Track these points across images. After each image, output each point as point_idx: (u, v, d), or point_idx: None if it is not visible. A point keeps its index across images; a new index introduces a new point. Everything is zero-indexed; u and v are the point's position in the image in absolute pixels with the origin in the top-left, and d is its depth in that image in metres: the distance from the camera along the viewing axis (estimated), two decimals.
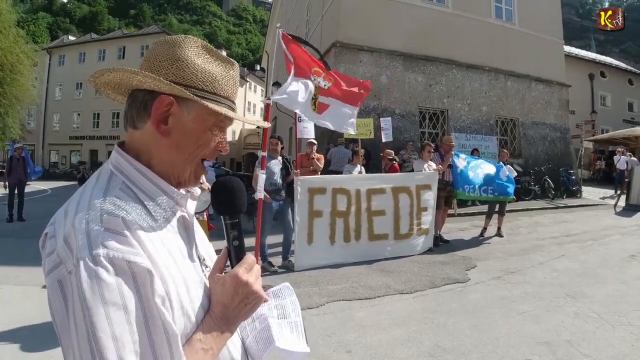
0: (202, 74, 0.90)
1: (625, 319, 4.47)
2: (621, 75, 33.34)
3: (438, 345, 3.88)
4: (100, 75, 0.91)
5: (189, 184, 0.96)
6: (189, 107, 0.89)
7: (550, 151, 16.73)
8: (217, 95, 0.92)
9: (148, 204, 0.87)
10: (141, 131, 0.91)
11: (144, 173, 0.89)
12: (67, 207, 0.84)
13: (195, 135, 0.92)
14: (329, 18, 14.33)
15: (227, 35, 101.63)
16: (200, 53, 0.93)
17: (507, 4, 16.08)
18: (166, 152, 0.91)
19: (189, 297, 0.86)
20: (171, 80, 0.87)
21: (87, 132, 40.81)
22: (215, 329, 0.87)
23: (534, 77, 16.53)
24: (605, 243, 8.36)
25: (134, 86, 0.91)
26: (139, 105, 0.90)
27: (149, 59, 0.91)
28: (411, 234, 7.33)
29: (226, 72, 0.95)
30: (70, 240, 0.76)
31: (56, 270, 0.75)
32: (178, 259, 0.88)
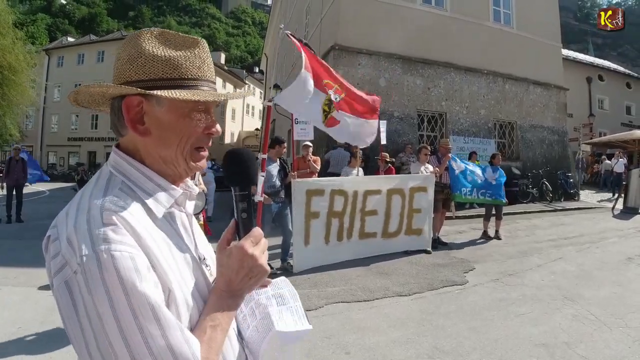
0: (162, 63, 0.89)
1: (623, 321, 4.49)
2: (619, 79, 33.43)
3: (436, 347, 3.90)
4: (74, 97, 0.94)
5: (191, 172, 0.96)
6: (159, 100, 0.88)
7: (548, 154, 16.77)
8: (185, 79, 0.91)
9: (148, 202, 0.88)
10: (127, 137, 0.92)
11: (143, 171, 0.90)
12: (68, 209, 0.85)
13: (175, 126, 0.91)
14: (328, 21, 14.35)
15: (226, 37, 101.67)
16: (156, 43, 0.91)
17: (505, 8, 16.12)
18: (154, 150, 0.91)
19: (190, 293, 0.87)
20: (135, 79, 0.88)
21: (86, 133, 40.77)
22: (220, 303, 0.89)
23: (532, 81, 16.57)
24: (602, 246, 8.39)
25: (102, 94, 0.92)
26: (116, 112, 0.91)
27: (115, 64, 0.93)
28: (399, 232, 7.42)
29: (190, 53, 0.93)
30: (72, 240, 0.77)
31: (62, 271, 0.76)
32: (178, 255, 0.89)
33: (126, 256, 0.75)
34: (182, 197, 0.96)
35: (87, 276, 0.73)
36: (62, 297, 0.76)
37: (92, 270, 0.73)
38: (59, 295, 0.77)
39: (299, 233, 6.40)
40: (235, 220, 0.95)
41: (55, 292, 0.78)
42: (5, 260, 6.97)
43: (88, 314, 0.73)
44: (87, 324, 0.73)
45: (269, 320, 1.04)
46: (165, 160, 0.92)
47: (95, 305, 0.72)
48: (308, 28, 18.25)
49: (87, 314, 0.73)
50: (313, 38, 16.19)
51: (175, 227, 0.93)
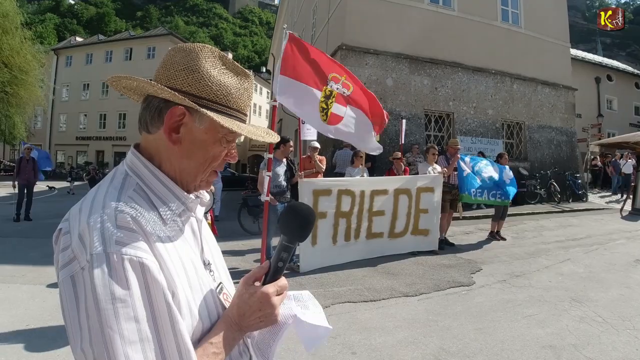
0: (217, 86, 0.91)
1: (630, 323, 4.46)
2: (628, 79, 33.20)
3: (443, 348, 3.89)
4: (119, 79, 0.95)
5: (199, 189, 0.99)
6: (202, 118, 0.91)
7: (557, 155, 16.69)
8: (230, 109, 0.94)
9: (160, 207, 0.90)
10: (154, 136, 0.93)
11: (158, 176, 0.92)
12: (82, 204, 0.86)
13: (206, 146, 0.94)
14: (335, 21, 14.36)
15: (233, 37, 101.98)
16: (216, 64, 0.94)
17: (513, 7, 16.06)
18: (176, 160, 0.93)
19: (195, 300, 0.89)
20: (186, 91, 0.89)
21: (94, 132, 41.00)
22: (228, 334, 0.90)
23: (540, 81, 16.50)
24: (610, 247, 8.34)
25: (149, 92, 0.93)
26: (153, 111, 0.92)
27: (166, 66, 0.92)
28: (405, 233, 7.41)
29: (240, 85, 0.96)
30: (84, 237, 0.78)
31: (69, 265, 0.78)
32: (186, 262, 0.90)
33: (136, 261, 0.77)
34: (193, 203, 0.97)
35: (95, 275, 0.74)
36: (65, 291, 0.77)
37: (101, 270, 0.74)
38: (63, 288, 0.78)
39: None
40: (269, 263, 0.97)
41: (60, 285, 0.79)
42: (14, 258, 7.03)
43: (88, 311, 0.74)
44: (85, 321, 0.74)
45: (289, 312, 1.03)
46: (183, 171, 0.94)
47: (98, 304, 0.73)
48: (315, 28, 18.26)
49: (87, 311, 0.74)
50: (320, 38, 16.20)
51: (183, 232, 0.94)
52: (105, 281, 0.74)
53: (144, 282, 0.77)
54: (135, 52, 40.11)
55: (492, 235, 8.99)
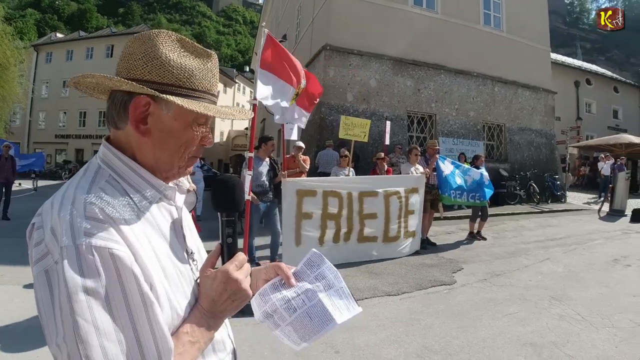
0: (178, 70, 0.90)
1: (609, 321, 4.54)
2: (606, 83, 33.87)
3: (425, 346, 3.91)
4: (78, 80, 0.93)
5: (178, 176, 0.98)
6: (168, 105, 0.89)
7: (536, 156, 16.95)
8: (195, 91, 0.92)
9: (134, 196, 0.88)
10: (124, 131, 0.91)
11: (131, 166, 0.90)
12: (54, 198, 0.85)
13: (177, 133, 0.92)
14: (319, 21, 14.37)
15: (216, 35, 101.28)
16: (174, 48, 0.92)
17: (495, 11, 16.28)
18: (150, 151, 0.92)
19: (172, 290, 0.87)
20: (147, 79, 0.87)
21: (73, 130, 40.30)
22: (202, 323, 0.89)
23: (521, 84, 16.75)
24: (589, 247, 8.48)
25: (111, 87, 0.91)
26: (118, 106, 0.90)
27: (124, 58, 0.91)
28: (399, 237, 7.37)
29: (203, 65, 0.94)
30: (56, 230, 0.77)
31: (43, 260, 0.77)
32: (161, 252, 0.89)
33: (106, 251, 0.75)
34: (171, 191, 0.96)
35: (65, 267, 0.73)
36: (40, 286, 0.77)
37: (70, 262, 0.73)
38: (38, 283, 0.77)
39: (289, 233, 6.36)
40: (220, 245, 0.97)
41: (35, 280, 0.78)
42: None
43: (61, 303, 0.73)
44: (59, 314, 0.73)
45: (323, 309, 1.02)
46: (158, 161, 0.93)
47: (70, 296, 0.72)
48: (299, 28, 18.25)
49: (60, 304, 0.73)
50: (304, 38, 16.21)
51: (160, 222, 0.93)
52: (75, 273, 0.73)
53: (116, 271, 0.75)
54: (116, 49, 39.45)
55: (473, 236, 9.09)
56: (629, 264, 7.11)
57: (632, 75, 48.45)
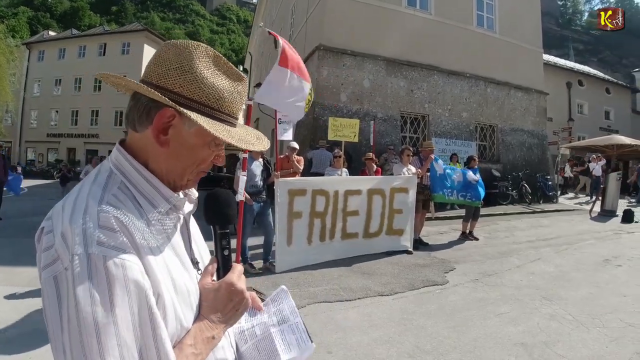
0: (210, 89, 0.90)
1: (599, 321, 4.58)
2: (598, 84, 34.12)
3: (417, 346, 3.93)
4: (107, 77, 0.93)
5: (185, 188, 0.98)
6: (191, 122, 0.88)
7: (528, 157, 17.05)
8: (221, 113, 0.92)
9: (145, 206, 0.88)
10: (141, 135, 0.91)
11: (143, 174, 0.90)
12: (64, 202, 0.84)
13: (194, 149, 0.93)
14: (313, 21, 14.39)
15: (210, 34, 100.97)
16: (209, 65, 0.92)
17: (488, 13, 16.35)
18: (163, 160, 0.92)
19: (179, 301, 0.87)
20: (177, 92, 0.87)
21: (65, 129, 40.02)
22: (206, 334, 0.89)
23: (514, 85, 16.84)
24: (580, 247, 8.55)
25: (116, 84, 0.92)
26: (142, 110, 0.90)
27: (158, 62, 0.90)
28: (380, 233, 7.47)
29: (233, 88, 0.95)
30: (67, 236, 0.76)
31: (53, 265, 0.76)
32: (171, 263, 0.89)
33: (118, 263, 0.75)
34: (180, 201, 0.96)
35: (76, 275, 0.73)
36: (48, 291, 0.76)
37: (81, 272, 0.73)
38: (46, 288, 0.76)
39: (282, 233, 6.39)
40: (216, 258, 0.98)
41: (43, 285, 0.77)
42: None
43: (69, 312, 0.72)
44: (66, 323, 0.72)
45: (272, 345, 1.05)
46: (170, 171, 0.93)
47: (78, 306, 0.72)
48: (293, 28, 18.26)
49: (68, 312, 0.73)
50: (298, 38, 16.21)
51: (170, 231, 0.93)
52: (85, 283, 0.72)
53: (125, 285, 0.75)
54: (109, 47, 39.33)
55: (465, 236, 9.14)
56: (619, 264, 7.17)
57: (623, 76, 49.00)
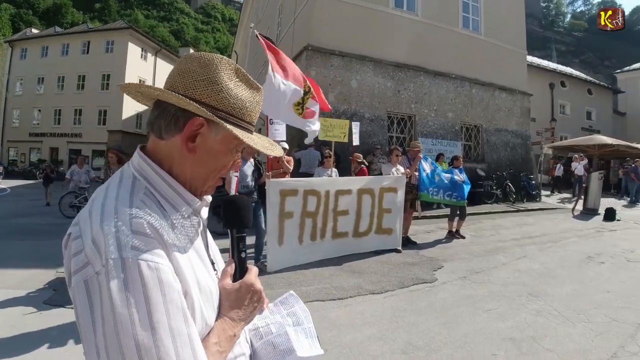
0: (234, 99, 0.96)
1: (584, 316, 4.73)
2: (580, 85, 34.63)
3: (410, 342, 4.03)
4: (129, 87, 0.99)
5: (206, 194, 1.03)
6: (217, 129, 0.94)
7: (512, 157, 17.32)
8: (243, 121, 0.98)
9: (169, 211, 0.92)
10: (167, 142, 0.95)
11: (167, 181, 0.95)
12: (91, 208, 0.87)
13: (218, 155, 0.98)
14: (301, 21, 14.43)
15: (194, 33, 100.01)
16: (232, 77, 0.97)
17: (474, 15, 16.58)
18: (189, 167, 0.96)
19: (203, 301, 0.92)
20: (205, 102, 0.92)
21: (48, 129, 39.25)
22: (228, 332, 0.95)
23: (498, 86, 17.10)
24: (563, 245, 8.75)
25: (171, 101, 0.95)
26: (169, 118, 0.94)
27: (183, 74, 0.95)
28: (369, 232, 7.57)
29: (253, 98, 1.01)
30: (98, 242, 0.79)
31: (83, 270, 0.79)
32: (195, 263, 0.94)
33: (152, 266, 0.79)
34: (200, 205, 1.01)
35: (112, 280, 0.76)
36: (79, 295, 0.79)
37: (117, 275, 0.76)
38: (77, 292, 0.79)
39: (273, 233, 6.43)
40: (234, 259, 1.05)
41: (73, 289, 0.80)
42: None
43: (104, 316, 0.75)
44: (100, 326, 0.75)
45: (288, 342, 1.12)
46: (193, 177, 0.98)
47: (115, 309, 0.75)
48: (280, 27, 18.27)
49: (103, 316, 0.75)
50: (286, 37, 16.23)
51: (191, 234, 0.97)
52: (121, 286, 0.76)
53: (160, 287, 0.79)
54: (93, 45, 38.70)
55: (452, 234, 9.28)
56: (602, 261, 7.37)
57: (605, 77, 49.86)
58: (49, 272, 6.04)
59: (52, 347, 3.76)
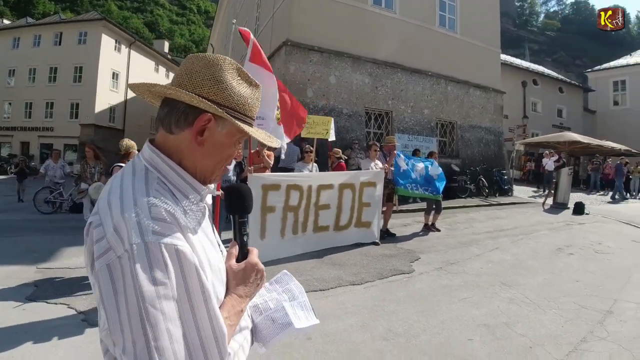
0: (237, 96, 1.05)
1: (555, 303, 5.01)
2: (552, 84, 35.31)
3: (390, 329, 4.21)
4: (138, 87, 1.08)
5: (212, 182, 1.14)
6: (224, 124, 1.04)
7: (485, 152, 17.73)
8: (245, 116, 1.08)
9: (180, 198, 1.01)
10: (176, 136, 1.04)
11: (177, 171, 1.03)
12: (109, 198, 0.95)
13: (224, 148, 1.08)
14: (280, 16, 14.43)
15: (169, 25, 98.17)
16: (234, 75, 1.07)
17: (450, 13, 16.86)
18: (198, 158, 1.05)
19: (215, 279, 1.02)
20: (211, 99, 1.01)
21: (19, 122, 38.00)
22: (237, 307, 1.05)
23: (473, 84, 17.45)
24: (534, 237, 9.08)
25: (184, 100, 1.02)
26: (179, 114, 1.03)
27: (190, 74, 1.04)
28: (349, 225, 7.74)
29: (253, 95, 1.11)
30: (120, 229, 0.87)
31: (106, 255, 0.87)
32: (206, 245, 1.03)
33: (172, 248, 0.88)
34: (206, 192, 1.11)
35: (137, 262, 0.84)
36: (102, 278, 0.87)
37: (141, 258, 0.85)
38: (100, 276, 0.87)
39: (255, 227, 6.50)
40: (236, 242, 1.17)
41: (97, 273, 0.88)
42: None
43: (127, 295, 0.83)
44: (124, 303, 0.83)
45: (285, 314, 1.24)
46: (203, 168, 1.07)
47: (141, 288, 0.83)
48: (259, 21, 18.19)
49: (126, 295, 0.83)
50: (264, 32, 16.21)
51: (200, 218, 1.06)
52: (146, 267, 0.84)
53: (180, 265, 0.88)
54: (65, 36, 37.60)
55: (428, 227, 9.52)
56: (571, 253, 7.70)
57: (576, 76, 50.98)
58: (29, 269, 5.96)
59: (38, 343, 3.75)
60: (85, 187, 8.70)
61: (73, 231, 8.42)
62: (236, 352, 1.05)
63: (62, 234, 8.32)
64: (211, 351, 0.90)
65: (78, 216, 10.02)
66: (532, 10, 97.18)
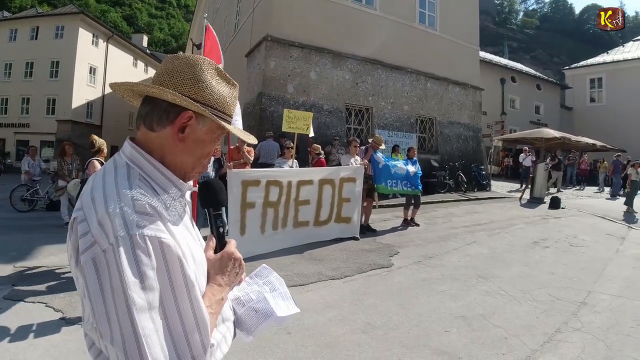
0: (217, 95, 1.08)
1: (530, 295, 5.12)
2: (530, 81, 35.76)
3: (369, 323, 4.26)
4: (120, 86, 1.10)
5: (192, 179, 1.16)
6: (204, 121, 1.07)
7: (464, 148, 17.96)
8: (224, 114, 1.11)
9: (161, 193, 1.03)
10: (158, 134, 1.05)
11: (157, 167, 1.05)
12: (93, 194, 0.96)
13: (204, 144, 1.10)
14: (260, 11, 14.36)
15: (148, 19, 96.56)
16: (214, 75, 1.10)
17: (430, 11, 17.00)
18: (179, 155, 1.07)
19: (198, 271, 1.04)
20: (192, 97, 1.04)
21: None
22: (217, 296, 1.08)
23: (452, 80, 17.64)
24: (511, 231, 9.25)
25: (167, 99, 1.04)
26: (162, 112, 1.05)
27: (171, 74, 1.06)
28: (329, 220, 7.79)
29: (231, 93, 1.15)
30: (104, 223, 0.89)
31: (91, 249, 0.89)
32: (188, 238, 1.06)
33: (155, 240, 0.90)
34: (185, 188, 1.13)
35: (120, 254, 0.86)
36: (88, 271, 0.88)
37: (126, 250, 0.87)
38: (86, 270, 0.88)
39: (235, 223, 6.52)
40: (213, 234, 1.20)
41: (82, 267, 0.89)
42: None
43: (113, 288, 0.85)
44: (110, 294, 0.85)
45: (267, 305, 1.27)
46: (183, 164, 1.09)
47: (125, 280, 0.85)
48: (239, 16, 18.08)
49: (112, 286, 0.85)
50: (244, 27, 16.14)
51: (180, 212, 1.08)
52: (131, 259, 0.86)
53: (163, 257, 0.91)
54: (42, 31, 36.74)
55: (407, 222, 9.61)
56: (547, 246, 7.87)
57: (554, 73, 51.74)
58: (5, 267, 5.86)
59: (15, 342, 3.71)
60: (64, 185, 8.55)
61: (50, 229, 8.31)
62: (219, 343, 1.07)
63: (39, 232, 8.18)
64: (194, 340, 0.93)
65: (55, 214, 9.84)
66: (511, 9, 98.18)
